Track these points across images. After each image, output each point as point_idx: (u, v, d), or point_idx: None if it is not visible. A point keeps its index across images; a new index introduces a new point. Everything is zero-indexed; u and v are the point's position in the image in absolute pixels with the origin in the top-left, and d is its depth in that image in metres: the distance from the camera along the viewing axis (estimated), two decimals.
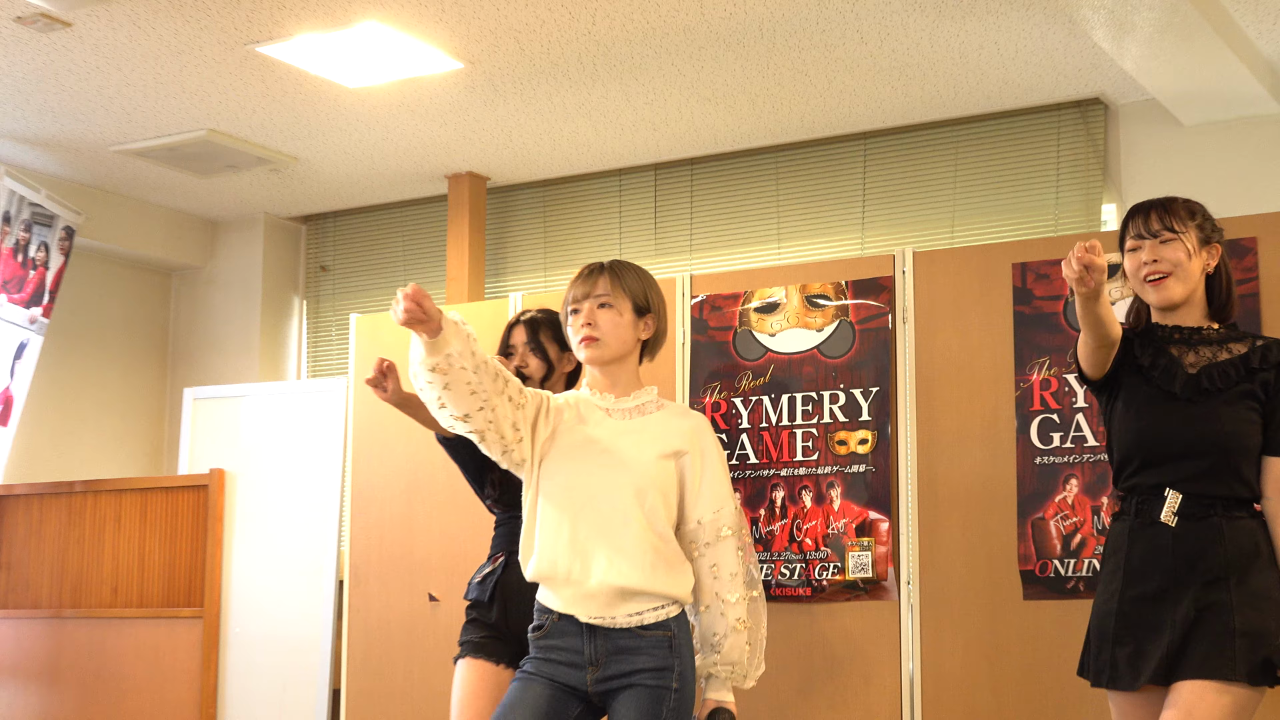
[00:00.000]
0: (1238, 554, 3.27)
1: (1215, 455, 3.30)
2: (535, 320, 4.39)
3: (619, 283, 3.53)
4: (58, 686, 6.41)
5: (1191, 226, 3.36)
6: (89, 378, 7.72)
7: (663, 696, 3.31)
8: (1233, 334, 3.39)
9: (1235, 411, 3.31)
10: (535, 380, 4.29)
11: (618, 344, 3.49)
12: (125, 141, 6.76)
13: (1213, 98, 5.73)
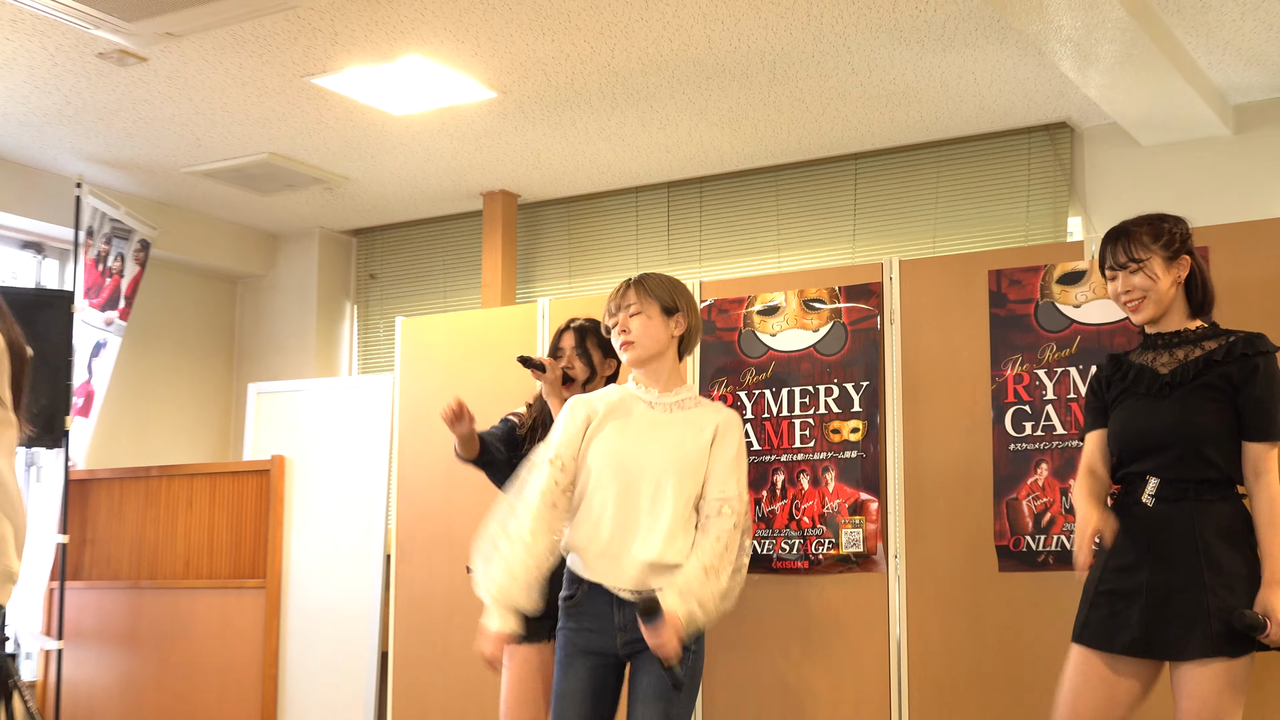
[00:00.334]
0: (1209, 534, 3.27)
1: (1182, 443, 3.31)
2: (583, 328, 4.44)
3: (644, 291, 3.57)
4: (136, 649, 6.43)
5: (1155, 250, 3.38)
6: (164, 374, 7.73)
7: (681, 657, 3.32)
8: (1209, 332, 3.39)
9: (1197, 403, 3.31)
10: (579, 379, 4.36)
11: (652, 344, 3.53)
12: (195, 164, 6.77)
13: (1168, 122, 5.71)
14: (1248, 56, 5.35)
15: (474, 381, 5.53)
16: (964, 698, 4.49)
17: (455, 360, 5.61)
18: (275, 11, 4.89)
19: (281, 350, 8.00)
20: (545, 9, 4.95)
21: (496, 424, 4.62)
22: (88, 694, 6.52)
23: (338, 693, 5.95)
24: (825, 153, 6.59)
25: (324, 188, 7.14)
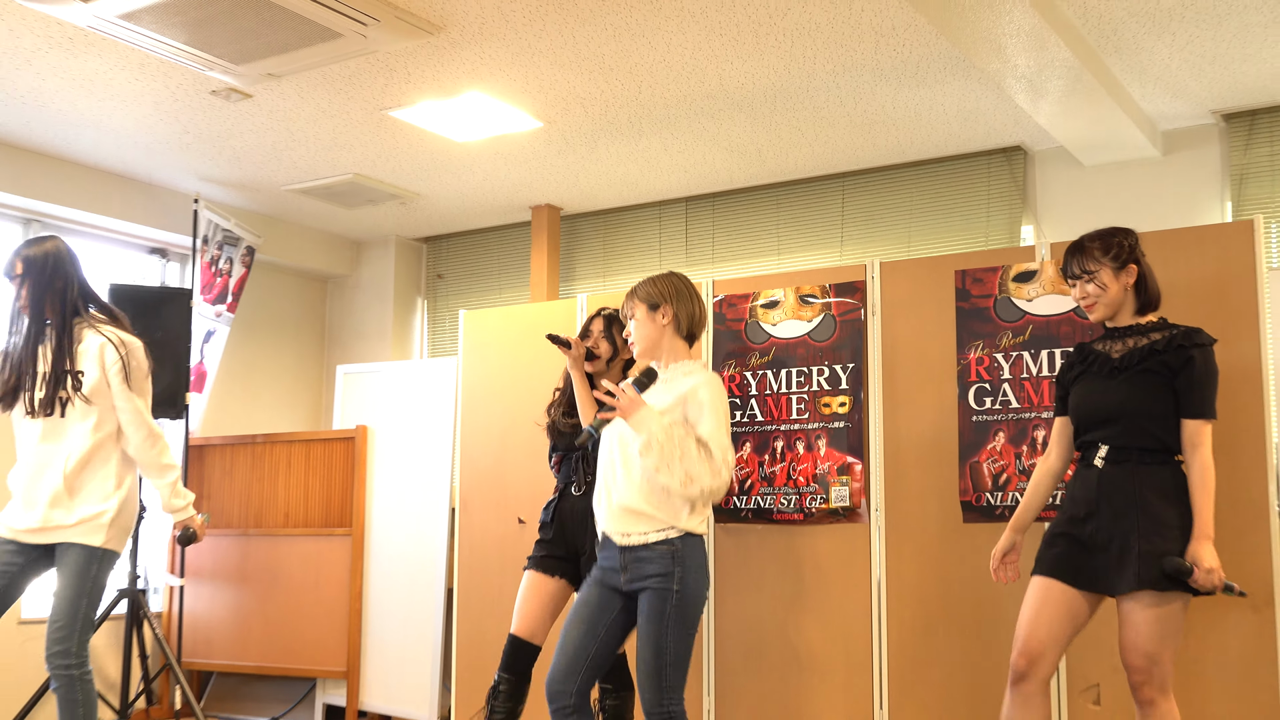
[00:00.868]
0: (1147, 492, 3.32)
1: (1126, 417, 3.36)
2: (610, 316, 4.49)
3: (634, 297, 3.64)
4: (244, 586, 6.46)
5: (1104, 262, 3.44)
6: (267, 358, 7.76)
7: (667, 597, 3.34)
8: (1158, 326, 3.44)
9: (1140, 384, 3.36)
10: (604, 357, 4.42)
11: (644, 340, 3.59)
12: (292, 182, 6.78)
13: (1106, 145, 5.68)
14: (1174, 90, 5.31)
15: (524, 363, 5.54)
16: (934, 628, 4.49)
17: (508, 346, 5.62)
18: (357, 55, 4.90)
19: (363, 338, 8.03)
20: (583, 53, 4.94)
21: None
22: (204, 623, 6.56)
23: (410, 623, 5.97)
24: (817, 172, 6.57)
25: (399, 202, 7.15)
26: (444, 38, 4.80)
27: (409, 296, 8.06)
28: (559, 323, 5.46)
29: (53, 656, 3.66)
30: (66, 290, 3.87)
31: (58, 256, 3.91)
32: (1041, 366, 4.37)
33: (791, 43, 4.85)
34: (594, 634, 3.44)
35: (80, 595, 3.70)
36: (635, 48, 4.90)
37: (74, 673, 3.67)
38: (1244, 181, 5.59)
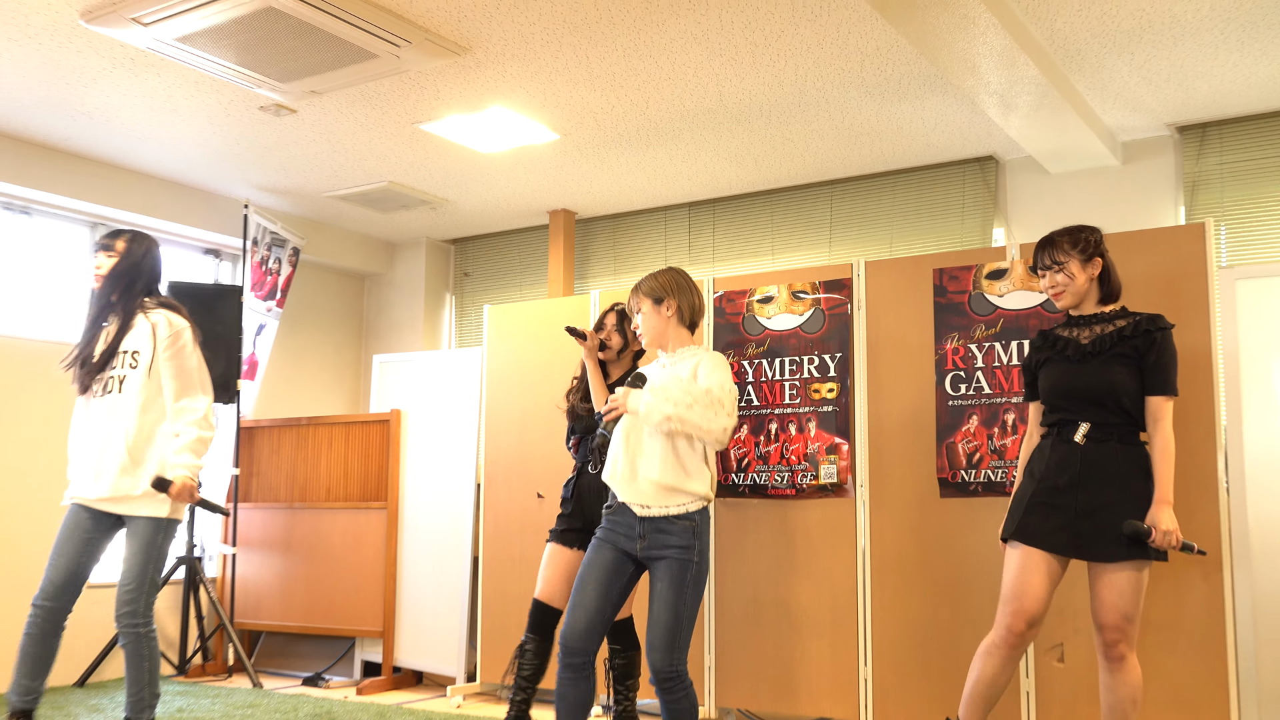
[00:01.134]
0: (1128, 468, 3.32)
1: (1106, 397, 3.36)
2: (623, 312, 4.50)
3: (639, 293, 3.62)
4: (291, 554, 6.48)
5: (1073, 254, 3.46)
6: (311, 348, 7.78)
7: (687, 567, 3.33)
8: (1120, 314, 3.45)
9: (1113, 367, 3.37)
10: (615, 348, 4.41)
11: (651, 332, 3.58)
12: (332, 190, 6.79)
13: (1070, 155, 5.67)
14: (1132, 105, 5.30)
15: (542, 353, 5.55)
16: (913, 592, 4.50)
17: (528, 338, 5.64)
18: (391, 75, 4.91)
19: (397, 330, 8.04)
20: (596, 72, 4.94)
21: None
22: (254, 588, 6.58)
23: (440, 587, 5.99)
24: (808, 179, 6.57)
25: (429, 207, 7.16)
26: (470, 58, 4.81)
27: (438, 292, 8.08)
28: (574, 316, 5.48)
29: (122, 617, 3.69)
30: (137, 280, 3.88)
31: (147, 252, 3.92)
32: (1011, 356, 4.37)
33: (785, 62, 4.85)
34: (609, 597, 3.43)
35: (148, 561, 3.73)
36: (643, 67, 4.90)
37: (140, 631, 3.70)
38: (1196, 188, 5.58)
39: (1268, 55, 4.74)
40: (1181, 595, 3.97)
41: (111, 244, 3.87)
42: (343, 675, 6.40)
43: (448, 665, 5.87)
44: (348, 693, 5.86)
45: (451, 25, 4.49)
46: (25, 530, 5.76)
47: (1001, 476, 4.33)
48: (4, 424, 5.71)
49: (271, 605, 6.50)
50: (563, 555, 4.33)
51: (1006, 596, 3.36)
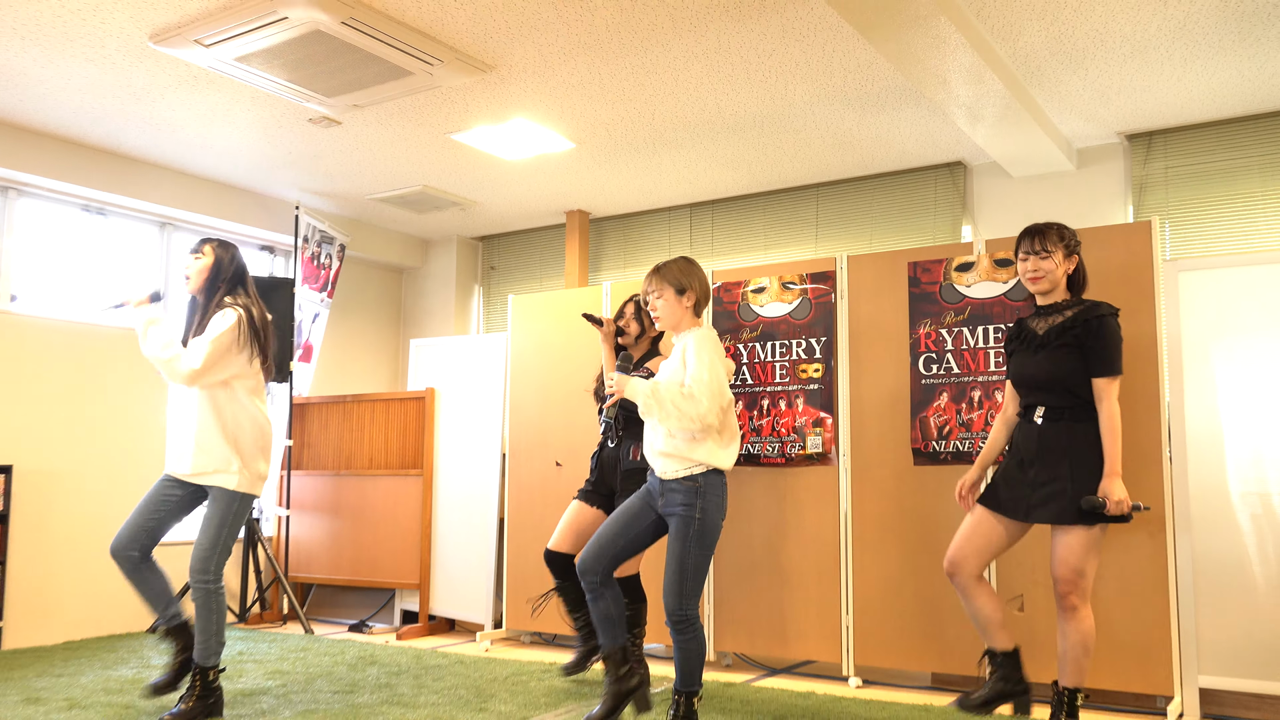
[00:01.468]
0: (1078, 444, 3.30)
1: (1054, 383, 3.34)
2: (639, 302, 4.51)
3: (661, 279, 3.48)
4: (337, 517, 6.50)
5: (1059, 246, 3.41)
6: (356, 333, 7.78)
7: (689, 523, 3.32)
8: (1072, 304, 3.41)
9: (1059, 355, 3.34)
10: (633, 334, 4.41)
11: (670, 318, 3.47)
12: (373, 193, 6.77)
13: (1031, 160, 5.63)
14: (1086, 115, 5.26)
15: (561, 338, 5.54)
16: (889, 550, 4.49)
17: (548, 324, 5.62)
18: (425, 90, 4.89)
19: (432, 317, 8.04)
20: (608, 87, 4.91)
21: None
22: (306, 545, 6.60)
23: (470, 546, 6.00)
24: (796, 183, 6.54)
25: (460, 209, 7.14)
26: (495, 75, 4.78)
27: (468, 284, 8.06)
28: (588, 305, 5.47)
29: (194, 574, 3.71)
30: (220, 281, 3.87)
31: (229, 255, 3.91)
32: (978, 340, 4.35)
33: (775, 78, 4.82)
34: (625, 532, 3.45)
35: (222, 526, 3.74)
36: (649, 83, 4.87)
37: (210, 587, 3.72)
38: (1143, 190, 5.54)
39: (1208, 71, 4.70)
40: (1129, 555, 3.96)
41: (199, 249, 3.89)
42: (384, 623, 6.41)
43: (477, 614, 5.88)
44: (388, 638, 5.87)
45: (479, 46, 4.46)
46: (99, 489, 5.77)
47: (969, 447, 4.32)
48: (86, 399, 5.72)
49: (321, 561, 6.52)
50: (582, 511, 4.40)
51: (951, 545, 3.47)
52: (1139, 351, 4.01)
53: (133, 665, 4.78)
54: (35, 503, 5.44)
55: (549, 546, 4.40)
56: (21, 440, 5.42)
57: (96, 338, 5.79)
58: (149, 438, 6.02)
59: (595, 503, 4.44)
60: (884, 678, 4.69)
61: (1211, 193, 5.37)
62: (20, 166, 5.58)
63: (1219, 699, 3.89)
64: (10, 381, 5.40)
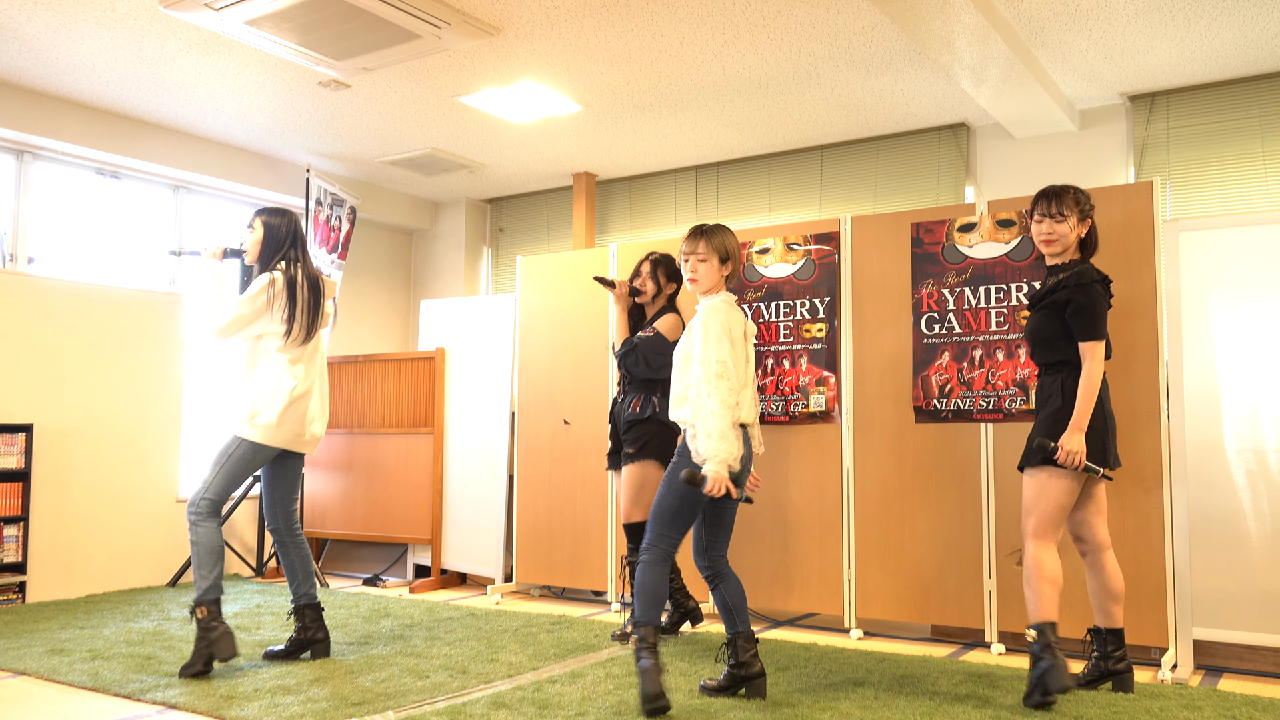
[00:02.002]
0: (1045, 396, 3.38)
1: (1035, 341, 3.41)
2: (657, 260, 4.55)
3: (710, 244, 3.41)
4: (351, 473, 6.53)
5: (1074, 211, 3.40)
6: (367, 294, 7.78)
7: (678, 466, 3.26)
8: (1068, 268, 3.41)
9: (1046, 315, 3.39)
10: (648, 294, 4.43)
11: (708, 283, 3.41)
12: (383, 155, 6.74)
13: (1034, 121, 5.59)
14: (1089, 76, 5.21)
15: (568, 298, 5.54)
16: (890, 505, 4.51)
17: (555, 285, 5.62)
18: (433, 53, 4.85)
19: (441, 278, 8.03)
20: (614, 49, 4.87)
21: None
22: (321, 501, 6.64)
23: (480, 501, 6.04)
24: (801, 145, 6.49)
25: (468, 171, 7.11)
26: (502, 38, 4.74)
27: (477, 246, 8.05)
28: (596, 267, 5.46)
29: (188, 506, 3.77)
30: (272, 250, 3.90)
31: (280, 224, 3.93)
32: (980, 300, 4.34)
33: (781, 40, 4.77)
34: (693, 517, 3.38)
35: (216, 466, 3.75)
36: (655, 45, 4.83)
37: (194, 522, 3.70)
38: (1145, 151, 5.50)
39: (1210, 32, 4.64)
40: (1126, 511, 3.97)
41: (251, 223, 3.94)
42: (397, 576, 6.47)
43: (488, 568, 5.93)
44: (401, 591, 5.93)
45: (486, 8, 4.42)
46: (117, 447, 5.81)
47: (969, 405, 4.32)
48: (103, 360, 5.74)
49: (335, 516, 6.57)
50: (617, 479, 4.51)
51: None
52: (1138, 310, 4.00)
53: (153, 618, 4.84)
54: (56, 461, 5.48)
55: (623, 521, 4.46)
56: (41, 400, 5.45)
57: (112, 299, 5.80)
58: (165, 396, 6.04)
59: (613, 464, 4.56)
60: (885, 629, 4.73)
61: (1213, 153, 5.33)
62: (35, 130, 5.57)
63: (1212, 650, 3.92)
64: (29, 343, 5.41)
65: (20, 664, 3.84)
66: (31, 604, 5.23)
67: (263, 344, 3.84)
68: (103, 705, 3.33)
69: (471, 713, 3.15)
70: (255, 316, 3.78)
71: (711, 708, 3.22)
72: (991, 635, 4.24)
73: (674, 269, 4.50)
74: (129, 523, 5.79)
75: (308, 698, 3.33)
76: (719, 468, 3.14)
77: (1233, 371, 3.86)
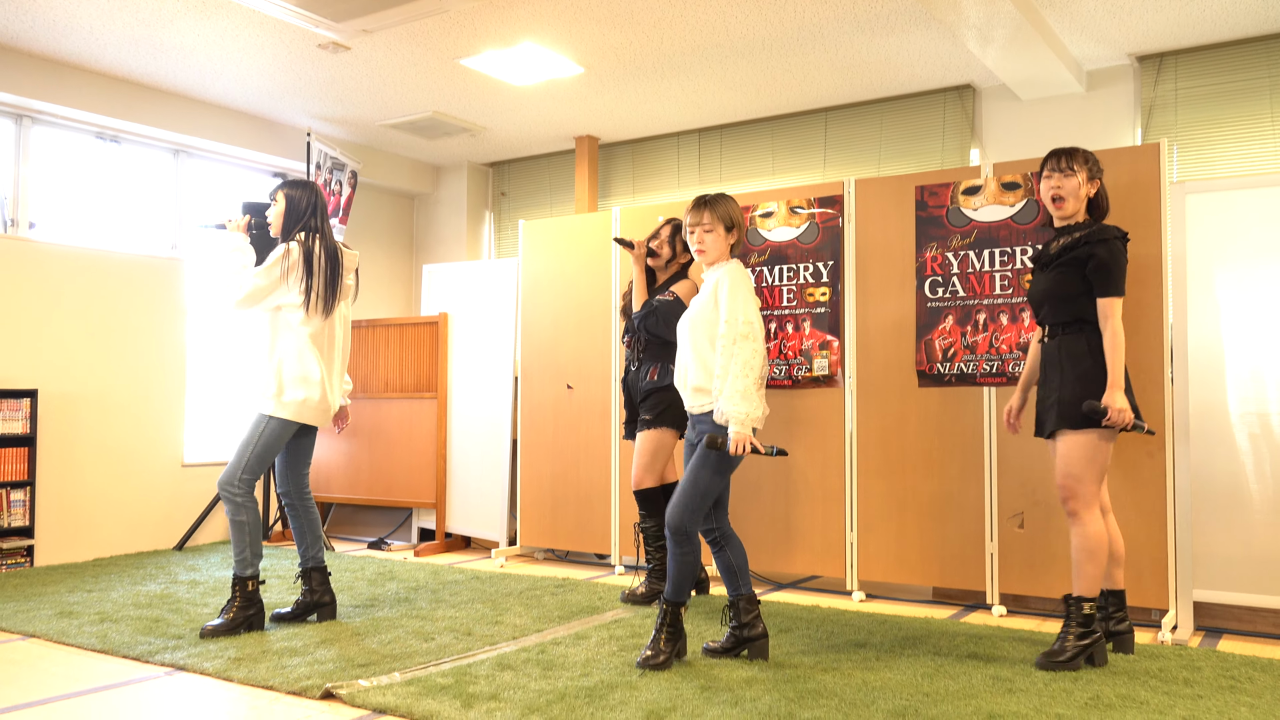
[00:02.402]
0: (1069, 355, 3.34)
1: (1053, 299, 3.38)
2: (678, 225, 4.55)
3: (714, 213, 3.40)
4: (355, 438, 6.55)
5: (1084, 168, 3.39)
6: (369, 259, 7.76)
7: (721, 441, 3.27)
8: (1084, 226, 3.39)
9: (1062, 274, 3.36)
10: (664, 257, 4.47)
11: (715, 253, 3.42)
12: (384, 119, 6.70)
13: (1041, 83, 5.53)
14: (1097, 36, 5.15)
15: (571, 262, 5.52)
16: (892, 468, 4.52)
17: (558, 249, 5.59)
18: (434, 14, 4.80)
19: (443, 243, 8.00)
20: (617, 10, 4.82)
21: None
22: (325, 467, 6.67)
23: (484, 465, 6.05)
24: (804, 107, 6.44)
25: (470, 134, 7.07)
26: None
27: (479, 210, 8.02)
28: (598, 230, 5.43)
29: (221, 485, 3.83)
30: (293, 222, 3.90)
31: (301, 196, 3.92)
32: (984, 263, 4.32)
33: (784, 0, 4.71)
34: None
35: (247, 445, 3.80)
36: (658, 5, 4.78)
37: (236, 500, 3.79)
38: (1152, 112, 5.44)
39: None
40: (1130, 471, 3.98)
41: (273, 196, 3.95)
42: (402, 540, 6.51)
43: (492, 531, 5.96)
44: (406, 555, 5.96)
45: None
46: (122, 412, 5.82)
47: (973, 369, 4.31)
48: (106, 325, 5.74)
49: (340, 481, 6.60)
50: (629, 446, 4.53)
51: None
52: (1144, 272, 3.98)
53: (160, 581, 4.87)
54: (61, 426, 5.50)
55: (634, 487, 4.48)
56: (45, 365, 5.45)
57: (115, 265, 5.79)
58: (169, 361, 6.05)
59: (629, 434, 4.59)
60: (886, 592, 4.75)
61: (1221, 114, 5.28)
62: (34, 94, 5.53)
63: (1212, 611, 3.94)
64: (32, 308, 5.41)
65: (30, 626, 3.87)
66: (39, 567, 5.27)
67: (282, 317, 3.85)
68: (112, 667, 3.36)
69: (477, 674, 3.18)
70: (272, 288, 3.79)
71: (715, 670, 3.25)
72: (993, 597, 4.26)
73: None
74: (135, 487, 5.82)
75: (314, 659, 3.36)
76: (743, 428, 3.19)
77: (1237, 334, 3.84)
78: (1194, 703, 2.89)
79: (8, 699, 2.99)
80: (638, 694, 2.96)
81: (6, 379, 5.30)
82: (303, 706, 2.91)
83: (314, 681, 3.09)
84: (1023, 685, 3.06)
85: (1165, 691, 3.00)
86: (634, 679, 3.13)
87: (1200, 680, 3.13)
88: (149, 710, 2.89)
